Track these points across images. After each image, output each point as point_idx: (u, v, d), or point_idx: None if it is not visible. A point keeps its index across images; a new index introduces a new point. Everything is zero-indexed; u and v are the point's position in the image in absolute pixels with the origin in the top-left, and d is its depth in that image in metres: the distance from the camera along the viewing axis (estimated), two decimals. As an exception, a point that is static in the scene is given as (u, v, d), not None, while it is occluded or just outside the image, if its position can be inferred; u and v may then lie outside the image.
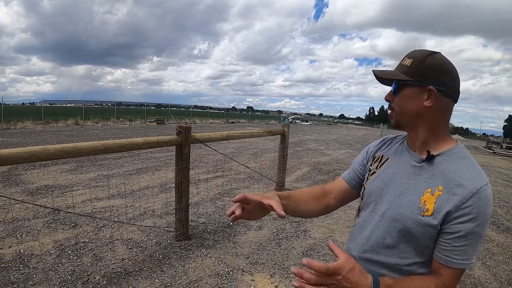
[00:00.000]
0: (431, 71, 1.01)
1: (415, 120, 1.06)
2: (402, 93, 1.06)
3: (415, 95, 1.03)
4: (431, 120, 1.04)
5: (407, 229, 1.01)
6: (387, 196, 1.09)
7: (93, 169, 7.48)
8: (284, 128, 6.12)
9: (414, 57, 1.05)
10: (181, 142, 3.66)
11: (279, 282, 3.15)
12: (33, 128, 18.16)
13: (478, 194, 0.94)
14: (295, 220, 4.80)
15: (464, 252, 0.95)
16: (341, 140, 21.07)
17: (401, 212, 1.03)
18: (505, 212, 6.39)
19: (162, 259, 3.40)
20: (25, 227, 3.98)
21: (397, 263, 1.04)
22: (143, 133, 18.10)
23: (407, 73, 1.04)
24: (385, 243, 1.06)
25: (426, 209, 0.98)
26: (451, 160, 1.02)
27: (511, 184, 9.71)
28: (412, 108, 1.04)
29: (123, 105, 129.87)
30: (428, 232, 0.98)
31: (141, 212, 4.76)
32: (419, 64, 1.02)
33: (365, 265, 1.08)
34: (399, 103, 1.08)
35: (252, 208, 1.06)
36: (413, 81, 1.02)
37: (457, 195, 0.95)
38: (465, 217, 0.93)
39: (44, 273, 3.01)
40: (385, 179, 1.13)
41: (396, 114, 1.10)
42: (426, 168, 1.04)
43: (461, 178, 0.97)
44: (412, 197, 1.02)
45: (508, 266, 3.95)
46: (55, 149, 2.56)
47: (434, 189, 0.99)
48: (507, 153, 21.88)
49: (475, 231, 0.93)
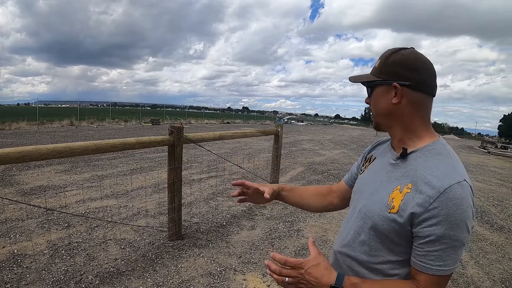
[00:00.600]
0: (394, 67, 1.01)
1: (388, 119, 1.06)
2: (374, 94, 1.08)
3: (383, 93, 1.04)
4: (402, 117, 1.03)
5: (375, 225, 1.01)
6: (365, 193, 1.11)
7: (87, 170, 7.47)
8: (278, 128, 6.15)
9: (381, 57, 1.07)
10: (173, 142, 3.67)
11: (271, 282, 3.17)
12: (28, 129, 18.08)
13: (446, 194, 0.88)
14: (288, 220, 4.84)
15: (439, 258, 0.89)
16: (336, 140, 21.11)
17: (372, 209, 1.03)
18: (499, 211, 6.46)
19: (155, 259, 3.42)
20: (19, 227, 3.98)
21: (368, 260, 1.04)
22: (138, 133, 18.06)
23: (374, 73, 1.07)
24: (359, 239, 1.07)
25: (392, 206, 0.96)
26: (425, 157, 0.99)
27: (505, 184, 9.80)
28: (382, 107, 1.06)
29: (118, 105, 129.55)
30: (394, 229, 0.96)
31: (134, 212, 4.77)
32: (383, 63, 1.04)
33: (343, 260, 1.12)
34: (373, 104, 1.10)
35: (252, 193, 1.34)
36: (379, 80, 1.04)
37: (423, 193, 0.91)
38: (434, 219, 0.88)
39: (37, 273, 3.02)
40: (367, 177, 1.16)
41: (373, 116, 1.12)
42: (400, 165, 1.03)
43: (430, 175, 0.93)
44: (383, 193, 1.02)
45: (501, 264, 3.99)
46: (47, 149, 2.57)
47: (403, 186, 0.97)
48: (502, 152, 22.05)
49: (447, 235, 0.87)
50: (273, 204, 5.57)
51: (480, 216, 5.95)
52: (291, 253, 3.79)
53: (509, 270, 3.85)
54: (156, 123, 28.03)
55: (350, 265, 1.10)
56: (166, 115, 38.12)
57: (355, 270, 1.08)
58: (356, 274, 1.07)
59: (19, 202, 4.58)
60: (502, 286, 3.48)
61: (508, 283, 3.56)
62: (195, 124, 33.18)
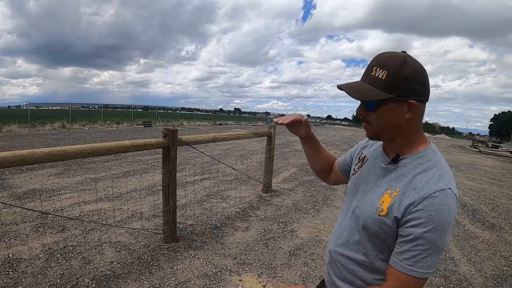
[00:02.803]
0: (408, 83, 0.97)
1: (393, 132, 1.05)
2: (381, 110, 1.02)
3: (394, 109, 1.00)
4: (409, 130, 1.04)
5: (367, 226, 1.05)
6: (358, 195, 1.15)
7: (81, 173, 7.45)
8: (270, 130, 6.19)
9: (387, 67, 0.98)
10: (168, 144, 3.69)
11: (267, 282, 3.21)
12: (20, 132, 17.93)
13: (430, 199, 0.92)
14: (282, 221, 4.87)
15: (414, 258, 0.92)
16: (328, 141, 21.22)
17: (363, 211, 1.07)
18: (490, 209, 6.55)
19: (150, 261, 3.43)
20: (13, 231, 3.97)
21: (363, 259, 1.08)
22: (130, 135, 18.02)
23: (384, 88, 0.98)
24: (353, 239, 1.11)
25: (381, 209, 1.01)
26: (415, 163, 1.02)
27: (496, 182, 9.93)
28: (392, 123, 1.02)
29: (110, 107, 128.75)
30: (384, 231, 1.00)
31: (129, 215, 4.77)
32: (395, 77, 0.96)
33: (338, 259, 1.16)
34: (378, 119, 1.04)
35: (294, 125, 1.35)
36: (392, 97, 0.98)
37: (409, 198, 0.95)
38: (415, 221, 0.92)
39: (33, 277, 3.03)
40: (360, 178, 1.19)
41: (374, 129, 1.07)
42: (391, 170, 1.07)
43: (418, 182, 0.97)
44: (373, 197, 1.06)
45: (493, 262, 4.06)
46: (43, 152, 2.57)
47: (393, 191, 1.01)
48: (493, 151, 22.27)
49: (425, 237, 0.90)
50: (267, 206, 5.61)
51: (472, 214, 6.04)
52: (286, 253, 3.82)
53: (500, 267, 3.91)
54: (148, 125, 27.95)
55: (344, 264, 1.14)
56: (158, 117, 37.98)
57: (350, 268, 1.12)
58: (352, 272, 1.12)
59: (14, 206, 4.57)
60: (494, 283, 3.53)
61: (500, 279, 3.62)
62: (187, 125, 33.13)
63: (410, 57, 0.99)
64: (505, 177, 11.23)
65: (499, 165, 15.00)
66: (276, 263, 3.60)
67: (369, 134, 1.10)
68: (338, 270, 1.16)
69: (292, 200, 6.02)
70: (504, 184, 9.80)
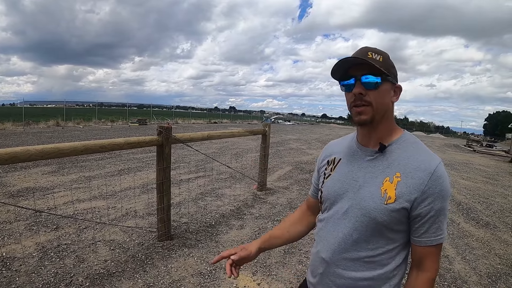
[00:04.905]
0: (395, 70, 1.10)
1: (383, 116, 1.09)
2: (382, 88, 1.06)
3: (388, 91, 1.08)
4: (391, 115, 1.12)
5: (374, 220, 1.04)
6: (347, 194, 1.12)
7: (75, 171, 7.42)
8: (265, 128, 6.18)
9: (381, 53, 1.07)
10: (162, 142, 3.68)
11: (261, 280, 3.21)
12: (14, 130, 17.82)
13: (435, 174, 1.00)
14: (276, 219, 4.87)
15: (439, 228, 1.03)
16: (323, 140, 21.23)
17: (365, 206, 1.06)
18: (485, 207, 6.59)
19: (144, 260, 3.43)
20: (7, 230, 3.95)
21: (367, 255, 1.07)
22: (125, 134, 17.95)
23: (383, 68, 1.04)
24: (352, 239, 1.08)
25: (389, 197, 1.02)
26: (402, 147, 1.08)
27: (490, 181, 9.99)
28: (386, 104, 1.09)
29: (105, 105, 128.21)
30: (394, 218, 1.03)
31: (123, 213, 4.76)
32: (387, 62, 1.08)
33: (338, 264, 1.12)
34: (378, 98, 1.06)
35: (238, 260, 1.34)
36: (389, 78, 1.07)
37: (416, 178, 1.01)
38: (431, 197, 1.00)
39: (27, 275, 3.01)
40: (341, 178, 1.16)
41: (373, 110, 1.06)
42: (381, 159, 1.09)
43: (416, 162, 1.03)
44: (372, 188, 1.06)
45: (488, 260, 4.08)
46: (36, 150, 2.56)
47: (392, 176, 1.04)
48: (487, 150, 22.43)
49: (443, 207, 1.01)
50: (262, 204, 5.61)
51: (466, 213, 6.07)
52: (280, 251, 3.83)
53: (495, 265, 3.94)
54: (143, 123, 27.86)
55: (346, 268, 1.10)
56: (153, 115, 37.89)
57: (353, 269, 1.09)
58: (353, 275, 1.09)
59: (7, 204, 4.54)
60: (488, 281, 3.56)
61: (494, 277, 3.64)
62: (182, 124, 33.07)
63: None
64: (499, 176, 11.31)
65: (493, 164, 15.10)
66: (270, 261, 3.60)
67: (366, 118, 1.06)
68: (339, 279, 1.11)
69: (287, 198, 6.02)
70: (498, 183, 9.86)
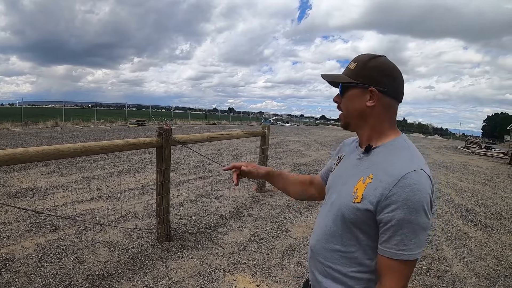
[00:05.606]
0: (372, 72, 1.09)
1: (359, 119, 1.14)
2: (347, 95, 1.14)
3: (358, 96, 1.11)
4: (373, 119, 1.11)
5: (343, 215, 1.08)
6: (336, 188, 1.18)
7: (74, 172, 7.41)
8: (264, 130, 6.19)
9: (358, 60, 1.13)
10: (162, 143, 3.69)
11: (261, 282, 3.22)
12: (12, 130, 17.77)
13: (403, 181, 0.95)
14: (275, 221, 4.88)
15: (401, 242, 0.95)
16: (322, 141, 21.25)
17: (341, 201, 1.10)
18: (483, 210, 6.62)
19: (144, 261, 3.43)
20: (6, 230, 3.95)
21: (340, 249, 1.10)
22: (124, 134, 17.93)
23: (351, 75, 1.12)
24: (331, 231, 1.13)
25: (356, 196, 1.04)
26: (386, 151, 1.08)
27: (489, 183, 10.02)
28: (356, 108, 1.13)
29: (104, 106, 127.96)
30: (359, 218, 1.03)
31: (122, 214, 4.76)
32: (362, 67, 1.11)
33: (318, 252, 1.18)
34: (345, 104, 1.16)
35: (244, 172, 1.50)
36: (356, 83, 1.10)
37: (383, 182, 0.99)
38: (393, 205, 0.95)
39: (26, 276, 3.01)
40: (337, 174, 1.24)
41: (344, 116, 1.18)
42: (365, 159, 1.12)
43: (390, 166, 1.01)
44: (349, 186, 1.10)
45: (486, 262, 4.10)
46: (36, 151, 2.56)
47: (366, 177, 1.05)
48: (485, 152, 22.47)
49: (407, 219, 0.93)
50: (261, 205, 5.62)
51: (465, 214, 6.09)
52: (279, 253, 3.83)
53: (493, 267, 3.96)
54: (142, 124, 27.83)
55: (324, 257, 1.15)
56: (151, 116, 37.86)
57: (330, 260, 1.14)
58: (331, 266, 1.13)
59: (6, 205, 4.54)
60: (487, 283, 3.57)
61: (493, 279, 3.66)
62: (181, 125, 33.04)
63: (385, 58, 1.13)
64: (498, 178, 11.35)
65: (491, 166, 15.15)
66: (269, 262, 3.61)
67: (341, 123, 1.20)
68: (319, 265, 1.18)
69: (286, 200, 6.03)
70: (496, 184, 9.90)
